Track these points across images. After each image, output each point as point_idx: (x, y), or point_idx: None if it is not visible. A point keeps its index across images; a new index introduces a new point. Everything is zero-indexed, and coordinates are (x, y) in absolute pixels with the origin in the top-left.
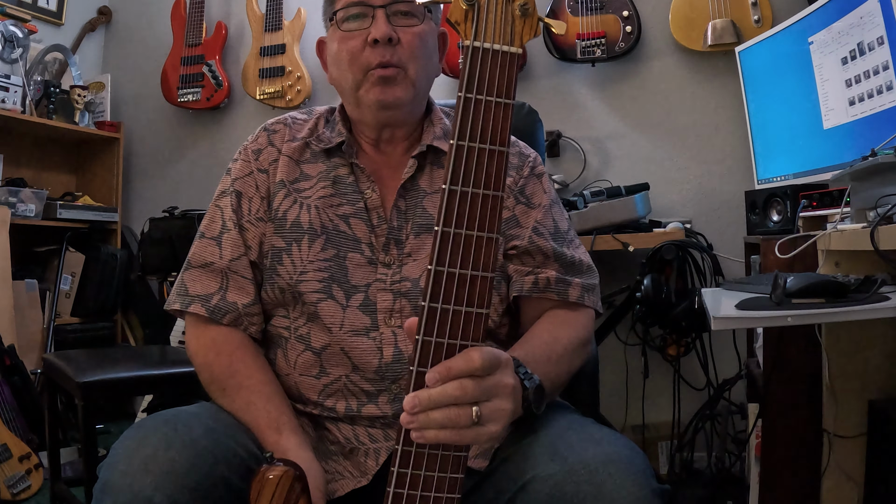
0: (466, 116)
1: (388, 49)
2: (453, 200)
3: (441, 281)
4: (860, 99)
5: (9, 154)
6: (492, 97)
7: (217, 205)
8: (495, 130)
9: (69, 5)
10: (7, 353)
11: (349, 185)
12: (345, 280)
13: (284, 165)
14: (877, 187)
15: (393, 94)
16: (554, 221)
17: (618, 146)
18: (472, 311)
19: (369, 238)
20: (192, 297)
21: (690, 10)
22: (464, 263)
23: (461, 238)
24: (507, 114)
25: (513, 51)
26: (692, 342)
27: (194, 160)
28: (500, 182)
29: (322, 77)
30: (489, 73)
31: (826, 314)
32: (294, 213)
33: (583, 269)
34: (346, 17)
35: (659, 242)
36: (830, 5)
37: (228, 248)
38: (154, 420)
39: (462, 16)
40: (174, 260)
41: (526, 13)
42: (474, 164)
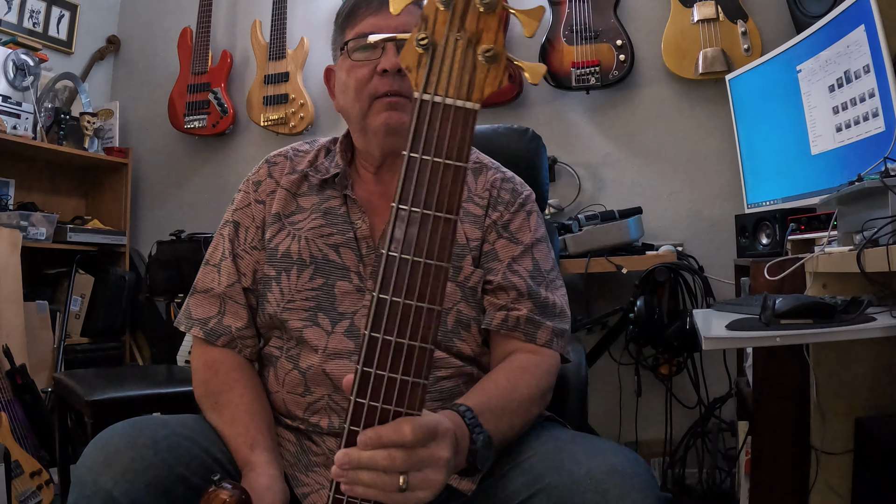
0: (410, 178)
1: (397, 79)
2: (392, 266)
3: (376, 347)
4: (847, 125)
5: (20, 179)
6: (440, 159)
7: (220, 233)
8: (443, 196)
9: (79, 35)
10: (19, 373)
11: (340, 216)
12: (332, 308)
13: (281, 198)
14: (863, 211)
15: (399, 118)
16: (534, 261)
17: (612, 171)
18: (408, 380)
19: (357, 266)
20: (193, 320)
21: (682, 39)
22: (401, 332)
23: (399, 306)
24: (457, 177)
25: (468, 106)
26: (684, 361)
27: (200, 185)
28: (445, 252)
29: (324, 104)
30: (439, 132)
31: (814, 334)
32: (285, 244)
33: (556, 313)
34: (356, 47)
35: (651, 265)
36: (818, 35)
37: (225, 275)
38: (122, 424)
39: (415, 61)
40: (180, 282)
41: (492, 60)
42: (416, 231)
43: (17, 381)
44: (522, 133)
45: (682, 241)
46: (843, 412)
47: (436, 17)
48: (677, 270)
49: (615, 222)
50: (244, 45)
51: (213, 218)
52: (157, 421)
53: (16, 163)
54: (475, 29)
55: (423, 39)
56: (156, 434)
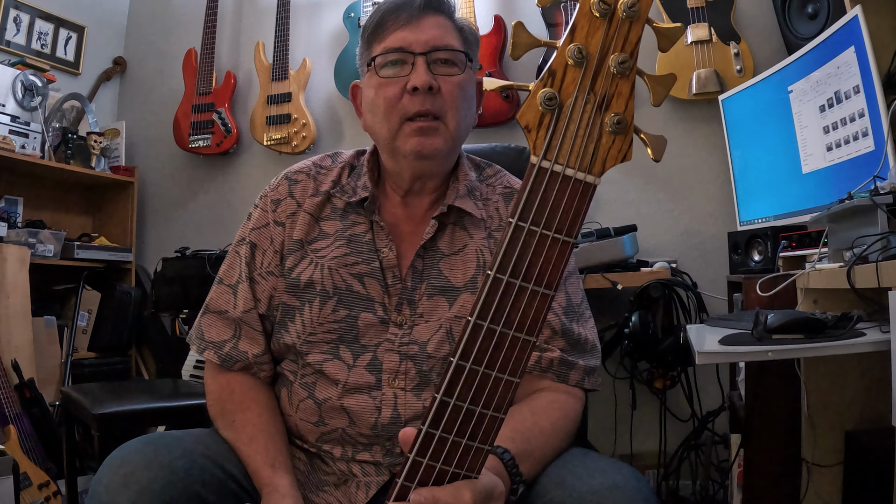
0: (514, 247)
1: (428, 97)
2: (477, 335)
3: (446, 410)
4: (837, 145)
5: (29, 197)
6: (549, 232)
7: (236, 251)
8: (544, 270)
9: (86, 56)
10: (27, 386)
11: (366, 244)
12: (354, 340)
13: (304, 223)
14: (853, 229)
15: (432, 144)
16: (567, 294)
17: (607, 190)
18: (472, 445)
19: (382, 297)
20: (207, 342)
21: (676, 60)
22: (475, 400)
23: (477, 375)
24: (563, 253)
25: (589, 180)
26: (678, 376)
27: (205, 203)
28: (536, 326)
29: (326, 123)
30: (553, 204)
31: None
32: (308, 274)
33: (587, 349)
34: (384, 62)
35: (646, 281)
36: (809, 56)
37: (241, 299)
38: (138, 442)
39: (536, 120)
40: (185, 298)
41: (619, 130)
42: (510, 303)
43: (25, 394)
44: (520, 152)
45: (676, 257)
46: (833, 425)
47: (564, 73)
48: (671, 286)
49: (610, 239)
50: (248, 66)
51: (218, 235)
52: (171, 438)
53: (24, 181)
54: (606, 93)
55: (550, 98)
56: (172, 452)
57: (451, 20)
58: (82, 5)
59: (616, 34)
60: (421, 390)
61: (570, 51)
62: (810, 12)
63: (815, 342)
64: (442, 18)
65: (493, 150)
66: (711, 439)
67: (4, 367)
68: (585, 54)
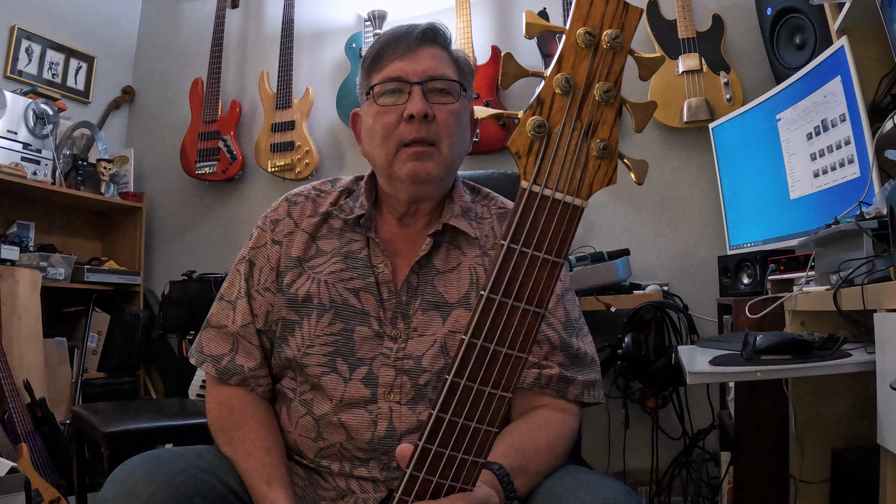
0: (506, 268)
1: (424, 125)
2: (471, 353)
3: (441, 426)
4: (824, 171)
5: (40, 222)
6: (539, 253)
7: (237, 269)
8: (535, 290)
9: (96, 85)
10: (39, 406)
11: (362, 260)
12: (350, 353)
13: (301, 242)
14: (839, 253)
15: (426, 169)
16: (566, 310)
17: (601, 215)
18: (468, 459)
19: (377, 311)
20: (205, 356)
21: (668, 89)
22: (469, 416)
23: (472, 391)
24: (553, 273)
25: (577, 203)
26: (669, 395)
27: (211, 228)
28: (527, 344)
29: (328, 151)
30: (543, 226)
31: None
32: (305, 288)
33: (586, 363)
34: (383, 91)
35: (639, 303)
36: (797, 85)
37: (240, 314)
38: (141, 457)
39: (526, 146)
40: (192, 319)
41: (605, 155)
42: (502, 321)
43: (37, 413)
44: (516, 178)
45: (668, 280)
46: (820, 443)
47: (552, 101)
48: (663, 309)
49: (604, 263)
50: (252, 95)
51: (224, 259)
52: (173, 453)
53: (36, 207)
54: (591, 120)
55: (539, 126)
56: (173, 467)
57: (447, 51)
58: (92, 36)
59: (601, 64)
60: (415, 404)
61: (557, 80)
62: (798, 43)
63: (802, 363)
64: (438, 50)
65: (490, 177)
66: (702, 457)
67: (17, 386)
68: (572, 83)
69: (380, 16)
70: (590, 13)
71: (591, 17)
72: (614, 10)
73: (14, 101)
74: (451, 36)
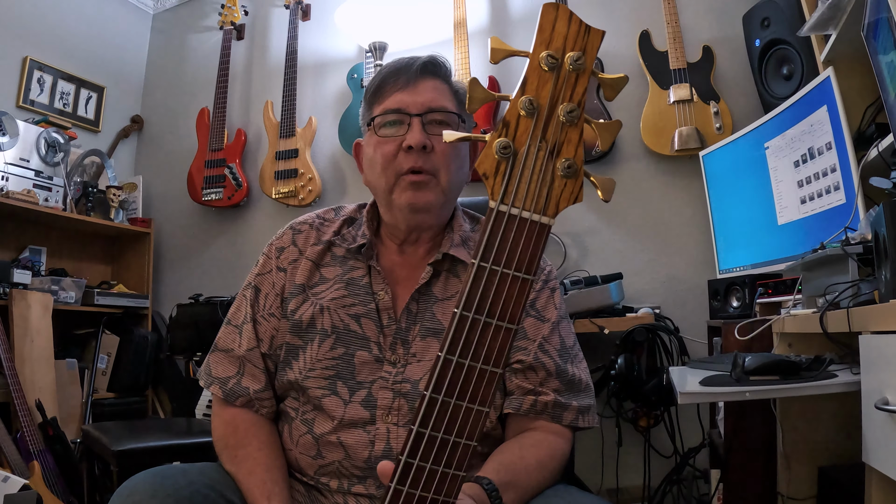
0: (477, 286)
1: (422, 156)
2: (447, 369)
3: (420, 442)
4: (811, 198)
5: (52, 247)
6: (509, 270)
7: (243, 294)
8: (507, 306)
9: (105, 114)
10: (50, 425)
11: (363, 287)
12: (350, 377)
13: (305, 269)
14: (825, 277)
15: (424, 197)
16: (561, 338)
17: (594, 240)
18: (448, 472)
19: (378, 337)
20: (213, 378)
21: (659, 118)
22: (448, 430)
23: (449, 406)
24: (523, 289)
25: (544, 221)
26: (661, 415)
27: (217, 252)
28: (500, 359)
29: (331, 178)
30: (511, 244)
31: (780, 390)
32: (308, 314)
33: (581, 388)
34: (383, 122)
35: (631, 326)
36: (784, 114)
37: (245, 339)
38: (145, 474)
39: (493, 167)
40: (199, 341)
41: (570, 174)
42: (476, 338)
43: (48, 432)
44: None
45: (660, 303)
46: (807, 461)
47: (518, 123)
48: (655, 331)
49: (598, 287)
50: (257, 124)
51: (230, 283)
52: (177, 470)
53: (48, 232)
54: (556, 140)
55: (504, 147)
56: (177, 483)
57: (447, 83)
58: (102, 67)
59: (564, 86)
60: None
61: (521, 103)
62: (785, 73)
63: (790, 383)
64: (438, 82)
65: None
66: (693, 474)
67: (29, 406)
68: (536, 105)
69: (380, 47)
70: (552, 37)
71: (553, 40)
72: (576, 33)
73: (26, 129)
74: (451, 68)
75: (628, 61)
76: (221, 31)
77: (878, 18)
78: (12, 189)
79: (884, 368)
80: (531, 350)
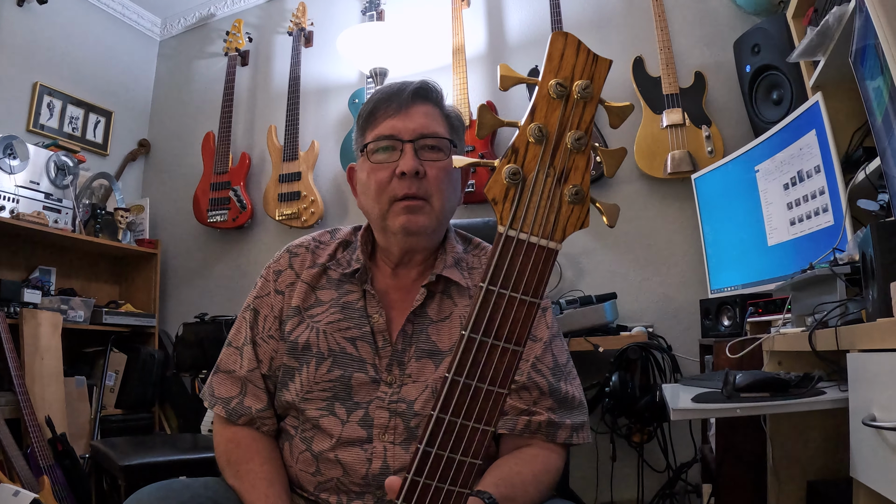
0: (485, 309)
1: (415, 181)
2: (454, 390)
3: (428, 459)
4: (800, 220)
5: (61, 267)
6: (517, 294)
7: (243, 316)
8: (514, 328)
9: (113, 138)
10: (60, 440)
11: (358, 310)
12: (348, 398)
13: (301, 292)
14: (814, 296)
15: (417, 222)
16: (554, 356)
17: (589, 260)
18: (454, 490)
19: (373, 359)
20: (216, 398)
21: (652, 142)
22: (454, 449)
23: (456, 426)
24: (530, 313)
25: (551, 246)
26: (654, 430)
27: (222, 273)
28: (507, 380)
29: (333, 200)
30: (519, 268)
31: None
32: (304, 336)
33: (574, 406)
34: (376, 149)
35: (625, 344)
36: (774, 138)
37: (246, 360)
38: (150, 488)
39: (502, 193)
40: (204, 359)
41: (577, 200)
42: (483, 359)
43: (58, 447)
44: None
45: (653, 322)
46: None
47: (526, 150)
48: (648, 349)
49: (592, 306)
50: (261, 148)
51: (234, 302)
52: (182, 484)
53: (57, 253)
54: (564, 167)
55: (514, 174)
56: (181, 496)
57: (439, 108)
58: (110, 92)
59: (572, 113)
60: (408, 444)
61: (530, 129)
62: (775, 98)
63: (779, 400)
64: (430, 107)
65: (486, 224)
66: (685, 489)
67: (39, 422)
68: (545, 132)
69: (381, 73)
70: (561, 65)
71: (562, 69)
72: (584, 61)
73: (36, 153)
74: (443, 92)
75: (622, 87)
76: (226, 58)
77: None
78: (23, 211)
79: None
80: (524, 370)
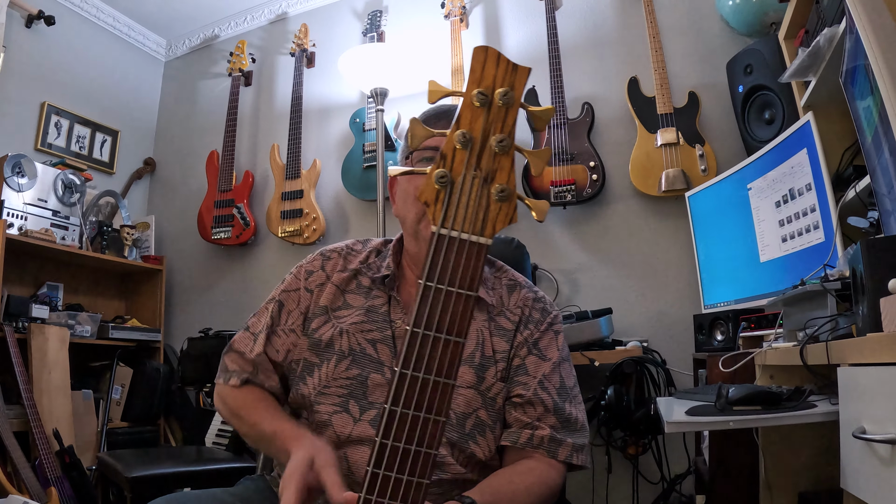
0: (425, 304)
1: None
2: (403, 382)
3: (384, 452)
4: (791, 236)
5: (68, 283)
6: (453, 288)
7: (266, 307)
8: (453, 321)
9: (119, 157)
10: (67, 452)
11: (382, 315)
12: (363, 397)
13: (330, 293)
14: (805, 311)
15: None
16: (561, 378)
17: (585, 276)
18: (412, 480)
19: (392, 362)
20: (230, 372)
21: (647, 161)
22: (409, 440)
23: (407, 418)
24: (467, 305)
25: (481, 241)
26: (649, 443)
27: (226, 288)
28: (452, 371)
29: (334, 218)
30: (454, 264)
31: (762, 419)
32: (328, 335)
33: (576, 428)
34: (420, 158)
35: (620, 358)
36: (766, 157)
37: (259, 345)
38: (161, 500)
39: (434, 196)
40: (209, 373)
41: (504, 198)
42: (427, 352)
43: (65, 460)
44: (509, 242)
45: (648, 337)
46: (787, 487)
47: (454, 155)
48: (643, 363)
49: (588, 321)
50: (264, 166)
51: (238, 317)
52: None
53: (64, 269)
54: (490, 168)
55: (442, 177)
56: None
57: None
58: (116, 112)
59: (495, 119)
60: None
61: (457, 136)
62: (767, 118)
63: (771, 413)
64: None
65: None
66: (679, 500)
67: (47, 435)
68: (470, 138)
69: (381, 93)
70: (482, 76)
71: (484, 79)
72: (504, 70)
73: (44, 171)
74: None
75: (618, 106)
76: (230, 78)
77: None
78: (31, 228)
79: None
80: (531, 385)
